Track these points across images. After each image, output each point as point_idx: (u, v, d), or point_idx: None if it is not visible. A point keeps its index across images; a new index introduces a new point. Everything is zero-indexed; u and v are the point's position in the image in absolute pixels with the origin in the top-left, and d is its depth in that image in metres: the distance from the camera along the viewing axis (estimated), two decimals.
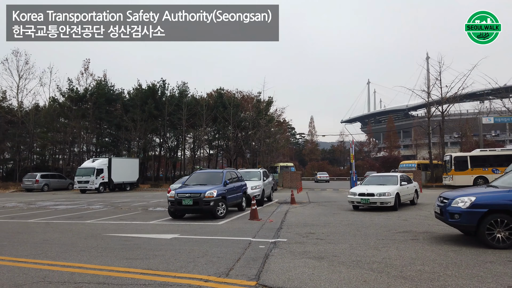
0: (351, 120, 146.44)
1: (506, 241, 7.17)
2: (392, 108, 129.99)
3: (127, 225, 11.78)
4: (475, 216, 7.32)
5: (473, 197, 7.54)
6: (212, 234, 9.72)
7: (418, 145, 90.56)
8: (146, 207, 18.10)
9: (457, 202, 7.64)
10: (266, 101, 43.92)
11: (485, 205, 7.37)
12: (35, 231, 10.66)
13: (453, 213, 7.65)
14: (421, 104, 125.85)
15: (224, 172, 14.27)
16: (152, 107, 42.67)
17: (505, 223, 7.20)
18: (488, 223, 7.24)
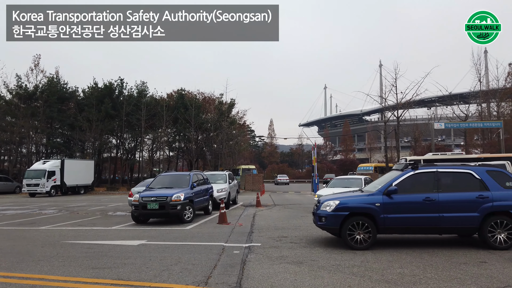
0: (308, 123, 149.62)
1: (363, 242, 7.57)
2: (348, 113, 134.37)
3: (87, 231, 11.05)
4: (338, 218, 7.72)
5: (337, 201, 7.95)
6: (182, 239, 9.31)
7: (371, 149, 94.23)
8: (105, 211, 17.20)
9: (325, 206, 8.01)
10: (229, 103, 43.65)
11: (346, 208, 7.79)
12: None
13: (321, 216, 8.05)
14: (375, 109, 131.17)
15: (191, 174, 13.84)
16: (109, 107, 40.92)
17: (365, 226, 7.59)
18: (350, 225, 7.62)
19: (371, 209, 7.71)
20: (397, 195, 7.74)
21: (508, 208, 7.51)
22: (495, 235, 7.40)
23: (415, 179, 7.94)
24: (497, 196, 7.54)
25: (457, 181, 7.90)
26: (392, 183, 7.88)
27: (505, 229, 7.38)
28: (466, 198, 7.61)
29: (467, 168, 8.01)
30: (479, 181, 7.70)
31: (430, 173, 7.91)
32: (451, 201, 7.61)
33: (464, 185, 7.77)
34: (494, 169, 8.06)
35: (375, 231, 7.65)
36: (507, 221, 7.41)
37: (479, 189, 7.64)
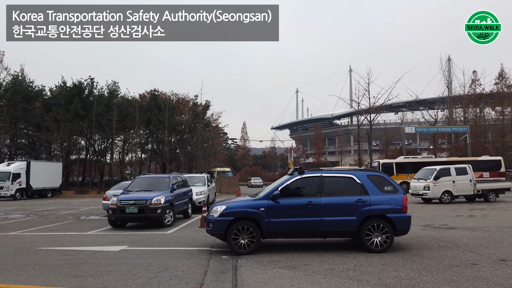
0: (280, 127, 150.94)
1: (247, 247, 7.58)
2: (319, 116, 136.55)
3: (62, 236, 10.44)
4: (224, 224, 7.66)
5: (224, 206, 7.91)
6: (165, 244, 8.95)
7: (342, 152, 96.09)
8: (77, 215, 16.45)
9: (213, 211, 7.97)
10: (203, 104, 43.14)
11: (231, 213, 7.75)
12: None
13: (208, 222, 8.01)
14: (345, 113, 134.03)
15: (171, 177, 13.43)
16: (79, 107, 39.54)
17: (250, 231, 7.59)
18: (235, 230, 7.60)
19: (256, 214, 7.67)
20: (283, 199, 7.77)
21: (385, 211, 7.66)
22: (372, 238, 7.54)
23: (301, 183, 8.02)
24: (375, 200, 7.68)
25: (340, 186, 8.04)
26: (278, 188, 7.89)
27: (381, 232, 7.54)
28: (346, 202, 7.73)
29: (350, 172, 8.14)
30: (360, 186, 7.80)
31: (315, 178, 7.95)
32: (331, 205, 7.70)
33: (346, 190, 7.91)
34: (375, 174, 8.21)
35: (259, 235, 7.64)
36: (383, 225, 7.58)
37: (359, 193, 7.77)
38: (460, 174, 21.03)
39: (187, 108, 46.66)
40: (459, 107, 45.50)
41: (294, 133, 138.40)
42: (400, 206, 7.75)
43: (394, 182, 8.15)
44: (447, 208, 17.19)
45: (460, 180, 20.91)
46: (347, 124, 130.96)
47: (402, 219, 7.75)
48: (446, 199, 20.53)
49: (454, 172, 20.96)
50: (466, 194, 21.00)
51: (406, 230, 7.86)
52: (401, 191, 7.97)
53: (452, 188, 20.80)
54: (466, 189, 20.73)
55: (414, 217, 13.66)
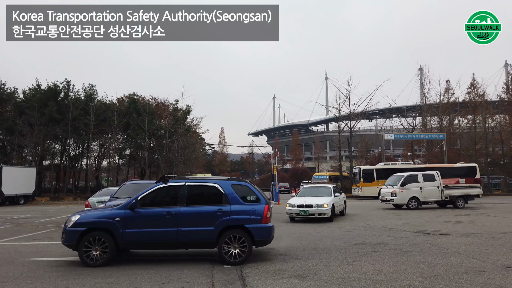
0: (257, 133, 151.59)
1: (99, 259, 7.24)
2: (295, 123, 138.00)
3: (47, 246, 9.87)
4: (75, 234, 7.33)
5: (78, 215, 7.65)
6: (161, 253, 8.58)
7: (318, 158, 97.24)
8: (57, 223, 15.69)
9: (68, 221, 7.64)
10: (184, 109, 42.53)
11: (84, 223, 7.45)
12: None
13: (63, 232, 7.69)
14: (321, 120, 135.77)
15: None
16: (54, 110, 38.12)
17: (102, 241, 7.28)
18: (87, 241, 7.26)
19: (110, 224, 7.36)
20: (142, 209, 7.54)
21: (243, 222, 7.49)
22: (230, 249, 7.37)
23: (164, 192, 7.82)
24: (235, 210, 7.52)
25: (204, 195, 7.85)
26: (138, 197, 7.70)
27: (239, 243, 7.38)
28: (206, 212, 7.55)
29: (214, 182, 7.95)
30: (223, 195, 7.64)
31: (179, 187, 7.77)
32: (191, 214, 7.50)
33: (210, 199, 7.73)
34: (239, 183, 8.05)
35: (113, 246, 7.30)
36: (240, 235, 7.39)
37: (222, 203, 7.61)
38: (428, 180, 21.44)
39: (166, 113, 45.97)
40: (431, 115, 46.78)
41: (271, 139, 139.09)
42: (260, 217, 7.55)
43: (258, 191, 7.97)
44: (432, 214, 17.48)
45: (427, 186, 21.30)
46: (323, 130, 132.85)
47: (262, 230, 7.53)
48: (413, 205, 20.82)
49: (422, 178, 21.40)
50: (434, 200, 21.34)
51: (265, 241, 7.69)
52: (263, 201, 7.76)
53: (419, 195, 21.11)
54: (433, 196, 21.06)
55: (403, 223, 13.81)
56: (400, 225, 13.28)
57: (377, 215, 17.21)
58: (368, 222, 14.41)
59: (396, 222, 14.27)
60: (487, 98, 49.72)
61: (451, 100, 47.50)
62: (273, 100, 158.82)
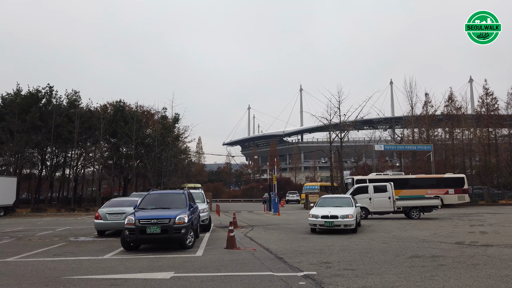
0: (232, 143, 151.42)
1: None
2: (270, 133, 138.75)
3: (79, 262, 8.97)
4: None
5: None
6: (213, 269, 7.91)
7: (295, 168, 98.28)
8: (62, 237, 14.59)
9: None
10: (173, 118, 41.51)
11: None
12: None
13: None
14: (295, 131, 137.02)
15: (186, 193, 12.37)
16: (36, 117, 36.27)
17: None
18: None
19: None
20: None
21: None
22: None
23: None
24: None
25: None
26: None
27: None
28: None
29: None
30: None
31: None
32: None
33: None
34: None
35: None
36: None
37: None
38: (379, 191, 22.06)
39: (153, 121, 44.82)
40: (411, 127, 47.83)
41: (246, 149, 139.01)
42: None
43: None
44: (448, 224, 17.55)
45: (377, 197, 21.87)
46: (298, 141, 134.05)
47: None
48: (362, 214, 20.58)
49: (372, 189, 22.18)
50: (385, 210, 21.83)
51: None
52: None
53: (368, 205, 21.71)
54: (384, 206, 21.58)
55: (430, 234, 13.67)
56: (429, 236, 13.13)
57: (393, 226, 17.06)
58: (392, 233, 14.19)
59: (421, 233, 14.12)
60: (464, 111, 51.67)
61: (430, 112, 48.89)
62: (248, 111, 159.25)
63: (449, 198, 34.71)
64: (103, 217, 14.26)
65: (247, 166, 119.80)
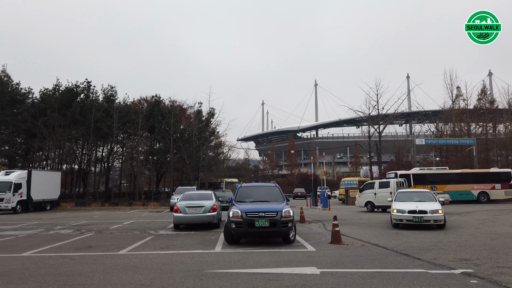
0: (246, 138, 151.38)
1: None
2: (285, 129, 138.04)
3: (199, 256, 8.63)
4: None
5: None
6: (352, 265, 7.50)
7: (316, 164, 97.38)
8: (138, 230, 14.41)
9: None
10: (208, 112, 41.33)
11: None
12: (82, 273, 7.00)
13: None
14: (311, 126, 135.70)
15: (277, 185, 12.04)
16: (77, 112, 36.55)
17: None
18: None
19: None
20: None
21: None
22: None
23: None
24: None
25: None
26: None
27: None
28: None
29: None
30: None
31: None
32: None
33: None
34: None
35: None
36: None
37: None
38: (383, 187, 23.88)
39: (185, 116, 44.74)
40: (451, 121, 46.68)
41: (259, 145, 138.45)
42: None
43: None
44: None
45: (381, 192, 23.55)
46: (313, 136, 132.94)
47: None
48: (368, 208, 24.09)
49: (377, 185, 24.10)
50: (387, 205, 21.63)
51: None
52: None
53: (373, 200, 23.97)
54: (386, 201, 21.79)
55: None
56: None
57: (469, 222, 16.43)
58: (481, 229, 13.60)
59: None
60: (497, 105, 50.17)
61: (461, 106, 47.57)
62: (262, 106, 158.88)
63: (496, 193, 33.66)
64: (182, 211, 14.04)
65: (264, 161, 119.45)
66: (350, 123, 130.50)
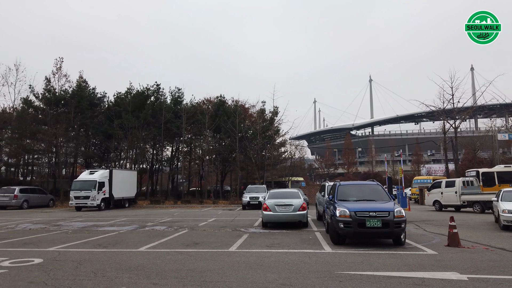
0: (298, 137, 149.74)
1: None
2: (338, 127, 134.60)
3: (315, 256, 8.35)
4: None
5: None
6: (494, 271, 6.82)
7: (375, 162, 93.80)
8: (226, 227, 14.47)
9: None
10: (272, 111, 41.25)
11: None
12: (211, 269, 6.98)
13: None
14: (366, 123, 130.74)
15: (379, 184, 11.47)
16: (149, 114, 38.22)
17: None
18: None
19: None
20: None
21: None
22: None
23: None
24: None
25: None
26: None
27: None
28: None
29: None
30: None
31: None
32: None
33: None
34: None
35: None
36: None
37: None
38: (449, 186, 23.93)
39: (248, 115, 45.03)
40: None
41: (312, 143, 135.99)
42: None
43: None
44: None
45: (447, 192, 23.82)
46: (369, 134, 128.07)
47: None
48: (436, 207, 24.47)
49: (444, 184, 24.26)
50: (453, 204, 23.41)
51: None
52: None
53: (440, 198, 24.28)
54: (452, 200, 23.32)
55: None
56: None
57: None
58: None
59: None
60: None
61: None
62: (314, 104, 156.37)
63: None
64: (272, 209, 13.90)
65: (319, 160, 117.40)
66: (408, 119, 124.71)
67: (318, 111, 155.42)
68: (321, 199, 16.92)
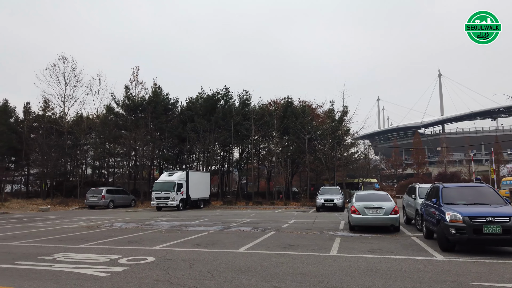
0: (360, 137, 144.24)
1: None
2: (404, 125, 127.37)
3: (423, 263, 7.85)
4: None
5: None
6: None
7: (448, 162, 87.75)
8: (311, 230, 14.18)
9: None
10: (341, 110, 40.16)
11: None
12: (323, 274, 6.75)
13: None
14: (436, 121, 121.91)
15: (490, 186, 10.50)
16: (220, 117, 39.23)
17: None
18: None
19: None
20: None
21: None
22: None
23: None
24: None
25: None
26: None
27: None
28: None
29: None
30: None
31: None
32: None
33: None
34: None
35: None
36: None
37: None
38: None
39: (315, 115, 44.31)
40: None
41: (375, 143, 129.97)
42: None
43: None
44: None
45: None
46: (439, 132, 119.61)
47: None
48: None
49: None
50: None
51: None
52: None
53: None
54: None
55: None
56: None
57: None
58: None
59: None
60: None
61: None
62: (377, 102, 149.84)
63: None
64: (361, 212, 13.38)
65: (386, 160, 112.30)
66: (484, 116, 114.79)
67: (382, 109, 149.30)
68: (410, 201, 15.99)
